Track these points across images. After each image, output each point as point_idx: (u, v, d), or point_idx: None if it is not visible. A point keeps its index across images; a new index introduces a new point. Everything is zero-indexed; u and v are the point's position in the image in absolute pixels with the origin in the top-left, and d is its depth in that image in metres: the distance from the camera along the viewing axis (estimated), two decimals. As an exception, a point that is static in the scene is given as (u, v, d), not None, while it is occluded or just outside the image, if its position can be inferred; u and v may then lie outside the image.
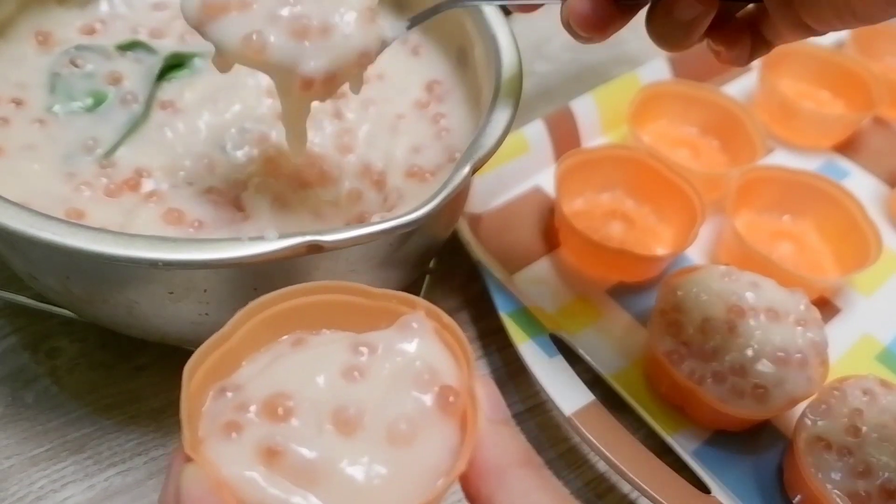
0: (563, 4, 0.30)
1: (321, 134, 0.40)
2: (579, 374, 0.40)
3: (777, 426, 0.41)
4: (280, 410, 0.20)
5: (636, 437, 0.38)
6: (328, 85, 0.32)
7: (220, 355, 0.22)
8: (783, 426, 0.41)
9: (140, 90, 0.41)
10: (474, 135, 0.35)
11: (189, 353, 0.21)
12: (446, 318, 0.23)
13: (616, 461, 0.36)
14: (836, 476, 0.36)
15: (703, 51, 0.33)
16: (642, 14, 0.30)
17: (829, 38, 0.63)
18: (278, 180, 0.37)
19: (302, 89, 0.31)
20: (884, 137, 0.59)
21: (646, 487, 0.35)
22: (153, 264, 0.28)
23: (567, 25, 0.30)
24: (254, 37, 0.30)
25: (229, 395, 0.21)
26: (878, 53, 0.62)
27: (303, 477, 0.20)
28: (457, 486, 0.21)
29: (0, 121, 0.38)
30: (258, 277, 0.31)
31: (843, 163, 0.56)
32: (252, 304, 0.23)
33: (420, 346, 0.22)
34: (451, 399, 0.21)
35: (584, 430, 0.37)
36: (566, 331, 0.43)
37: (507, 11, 0.42)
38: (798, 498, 0.38)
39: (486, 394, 0.22)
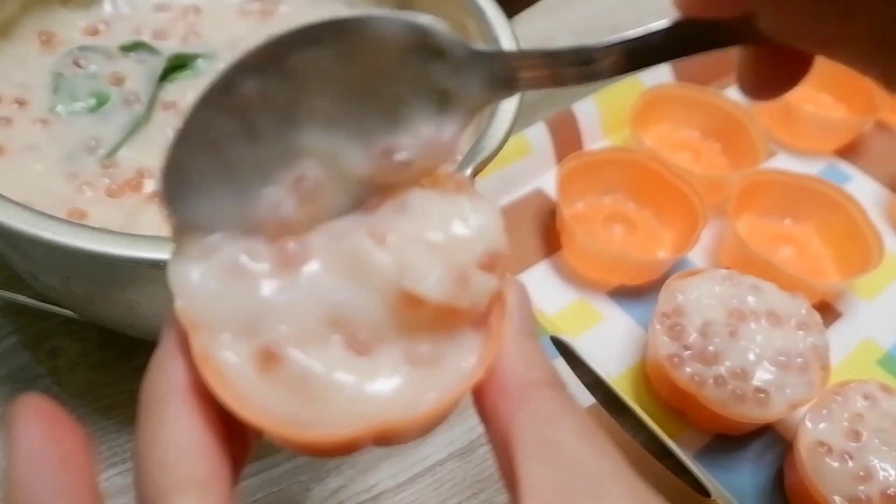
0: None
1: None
2: (580, 376, 0.40)
3: (778, 430, 0.41)
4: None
5: (636, 441, 0.38)
6: None
7: None
8: (784, 430, 0.41)
9: (142, 91, 0.41)
10: (476, 137, 0.35)
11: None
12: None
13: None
14: (836, 481, 0.35)
15: (705, 54, 0.32)
16: (643, 14, 0.30)
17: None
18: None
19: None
20: (886, 142, 0.59)
21: (646, 491, 0.35)
22: (155, 264, 0.28)
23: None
24: None
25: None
26: (880, 58, 0.62)
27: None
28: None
29: (2, 120, 0.38)
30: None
31: (845, 167, 0.56)
32: None
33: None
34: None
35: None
36: (567, 333, 0.43)
37: (509, 13, 0.42)
38: None
39: (518, 302, 0.20)
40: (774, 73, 0.26)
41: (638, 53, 0.24)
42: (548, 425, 0.18)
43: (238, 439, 0.19)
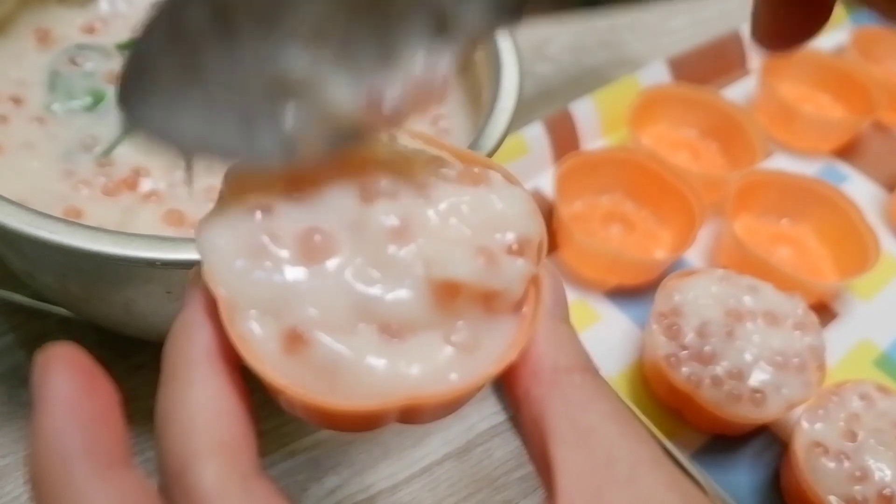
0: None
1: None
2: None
3: (774, 431, 0.41)
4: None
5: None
6: None
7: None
8: (780, 431, 0.41)
9: (139, 89, 0.41)
10: (473, 136, 0.35)
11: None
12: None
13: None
14: (833, 481, 0.36)
15: (703, 54, 0.32)
16: (641, 14, 0.30)
17: (830, 42, 0.63)
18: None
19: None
20: (883, 142, 0.59)
21: (643, 491, 0.35)
22: (151, 263, 0.28)
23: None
24: None
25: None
26: (878, 57, 0.63)
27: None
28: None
29: (-1, 118, 0.38)
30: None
31: (843, 167, 0.56)
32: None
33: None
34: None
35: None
36: (564, 333, 0.43)
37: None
38: None
39: (551, 287, 0.20)
40: (792, 16, 0.24)
41: None
42: (580, 410, 0.18)
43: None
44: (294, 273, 0.19)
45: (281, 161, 0.19)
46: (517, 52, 0.39)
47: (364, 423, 0.19)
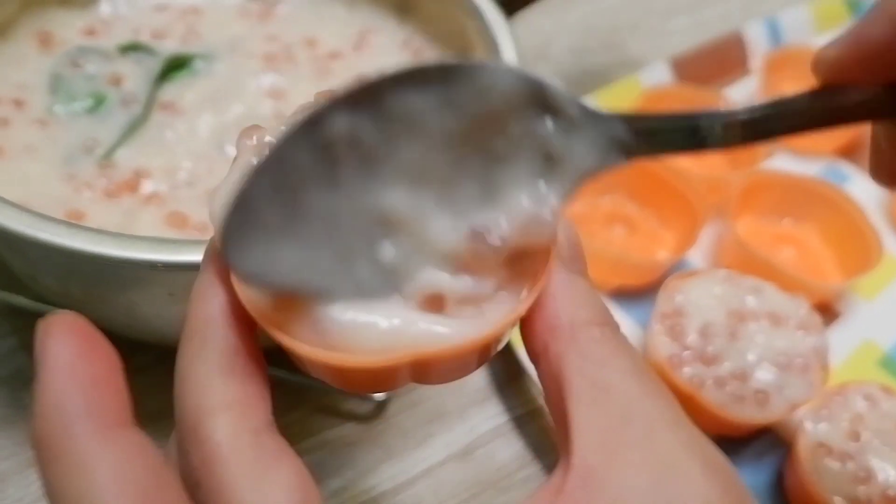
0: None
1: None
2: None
3: (778, 432, 0.41)
4: None
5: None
6: None
7: None
8: (784, 431, 0.41)
9: (141, 91, 0.41)
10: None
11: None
12: None
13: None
14: (837, 482, 0.35)
15: (704, 54, 0.32)
16: (642, 15, 0.29)
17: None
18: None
19: None
20: (885, 142, 0.59)
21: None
22: (153, 266, 0.28)
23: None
24: None
25: None
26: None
27: None
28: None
29: (0, 121, 0.38)
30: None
31: (845, 167, 0.56)
32: None
33: None
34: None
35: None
36: (566, 334, 0.43)
37: (508, 12, 0.42)
38: None
39: (567, 238, 0.20)
40: None
41: (767, 123, 0.21)
42: (598, 366, 0.18)
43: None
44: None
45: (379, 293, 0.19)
46: (518, 53, 0.39)
47: (374, 380, 0.19)
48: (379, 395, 0.39)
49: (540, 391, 0.39)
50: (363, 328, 0.18)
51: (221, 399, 0.18)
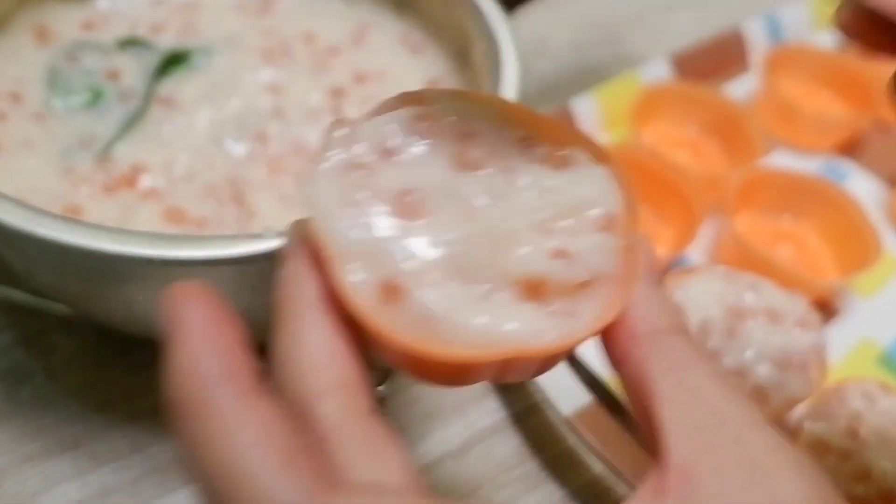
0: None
1: (321, 131, 0.40)
2: (577, 374, 0.40)
3: (776, 429, 0.41)
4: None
5: (634, 439, 0.38)
6: None
7: None
8: (782, 429, 0.41)
9: (138, 86, 0.40)
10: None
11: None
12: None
13: (614, 462, 0.36)
14: (835, 479, 0.35)
15: (704, 50, 0.32)
16: (642, 11, 0.29)
17: (831, 39, 0.63)
18: (284, 177, 0.37)
19: None
20: (884, 139, 0.58)
21: (644, 489, 0.35)
22: (150, 261, 0.28)
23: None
24: None
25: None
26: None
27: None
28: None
29: (-3, 116, 0.38)
30: (257, 275, 0.31)
31: (844, 164, 0.56)
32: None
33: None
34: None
35: (582, 431, 0.37)
36: (565, 331, 0.43)
37: (507, 8, 0.42)
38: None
39: (646, 253, 0.21)
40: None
41: None
42: (683, 371, 0.19)
43: None
44: (392, 229, 0.20)
45: None
46: (517, 49, 0.39)
47: (459, 375, 0.19)
48: (378, 391, 0.39)
49: (536, 388, 0.39)
50: (453, 324, 0.19)
51: (326, 383, 0.18)
